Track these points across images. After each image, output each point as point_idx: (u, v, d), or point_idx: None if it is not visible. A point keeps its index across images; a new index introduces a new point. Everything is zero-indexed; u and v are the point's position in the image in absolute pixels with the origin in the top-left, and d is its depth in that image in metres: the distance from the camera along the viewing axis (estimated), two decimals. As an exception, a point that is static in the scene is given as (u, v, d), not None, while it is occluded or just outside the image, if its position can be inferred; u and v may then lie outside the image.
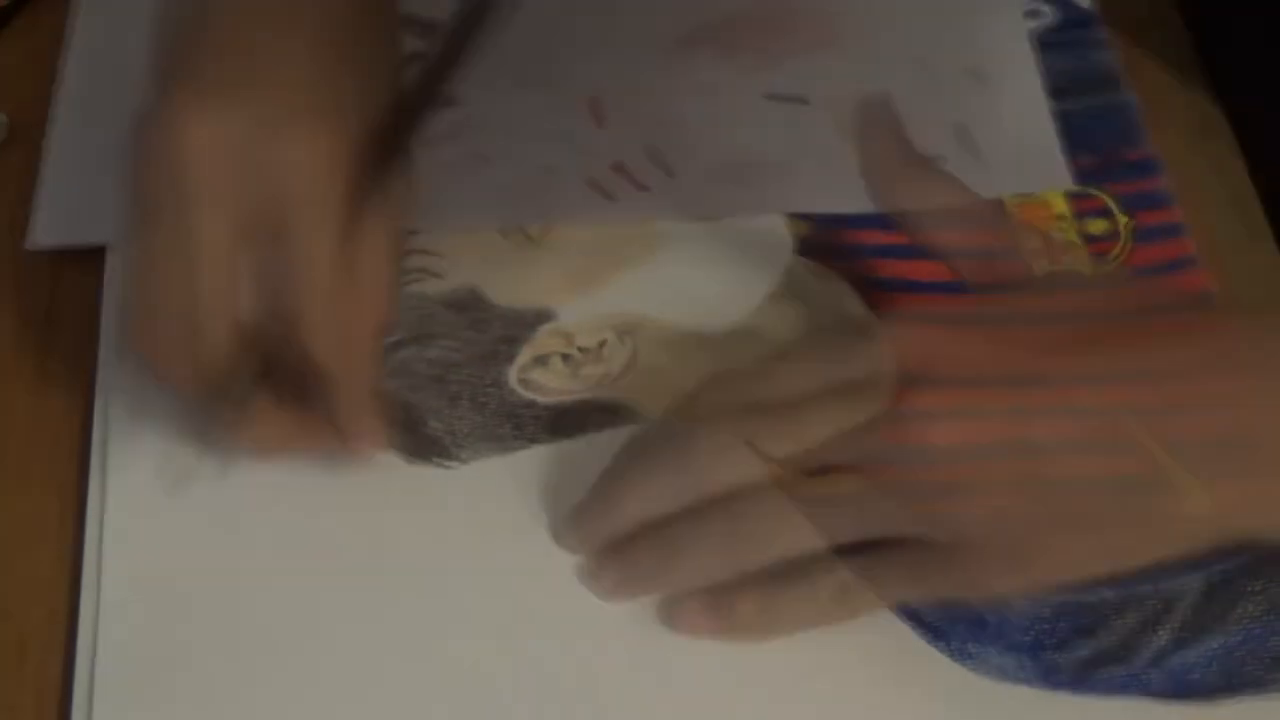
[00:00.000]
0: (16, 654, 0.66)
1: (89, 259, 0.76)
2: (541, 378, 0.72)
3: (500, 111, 0.81)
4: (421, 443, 0.70)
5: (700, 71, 0.83)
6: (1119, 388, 0.63)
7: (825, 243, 0.77)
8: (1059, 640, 0.66)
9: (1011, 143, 0.81)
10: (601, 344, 0.73)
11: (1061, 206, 0.78)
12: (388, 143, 0.63)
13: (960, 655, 0.66)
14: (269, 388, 0.65)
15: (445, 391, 0.71)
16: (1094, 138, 0.81)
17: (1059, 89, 0.83)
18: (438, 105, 0.64)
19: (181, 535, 0.68)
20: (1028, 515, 0.61)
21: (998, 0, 0.86)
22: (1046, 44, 0.85)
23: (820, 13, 0.85)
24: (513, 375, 0.72)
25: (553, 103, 0.81)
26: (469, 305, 0.74)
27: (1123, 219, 0.78)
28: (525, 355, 0.73)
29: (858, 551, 0.64)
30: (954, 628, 0.66)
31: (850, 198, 0.76)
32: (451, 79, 0.62)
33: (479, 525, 0.68)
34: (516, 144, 0.80)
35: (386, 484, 0.69)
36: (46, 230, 0.77)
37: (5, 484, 0.70)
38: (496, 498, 0.69)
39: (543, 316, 0.74)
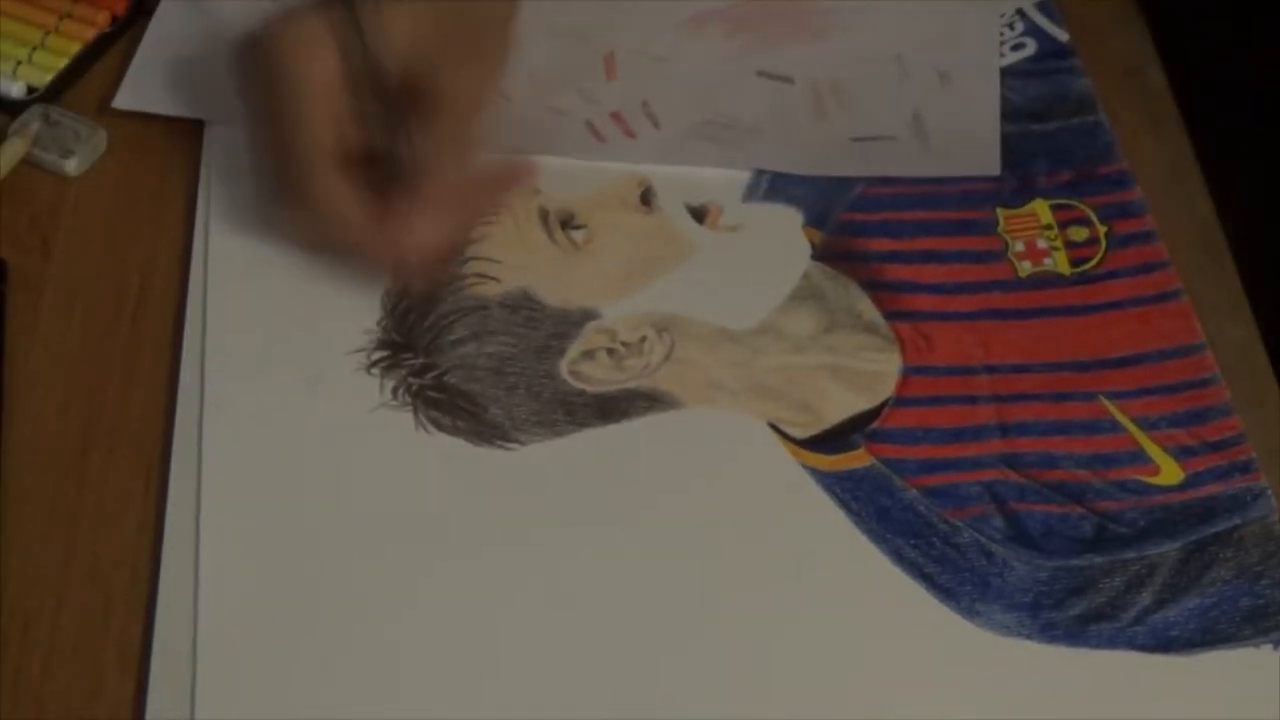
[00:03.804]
0: (102, 614, 0.69)
1: (181, 247, 0.81)
2: (589, 370, 0.78)
3: (528, 56, 0.86)
4: (485, 428, 0.75)
5: (705, 44, 0.91)
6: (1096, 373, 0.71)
7: (838, 249, 0.83)
8: (1055, 600, 0.71)
9: (957, 134, 0.88)
10: (642, 339, 0.79)
11: (1047, 216, 0.85)
12: None
13: (968, 613, 0.71)
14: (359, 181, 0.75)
15: (504, 382, 0.77)
16: (1072, 155, 0.88)
17: (1039, 112, 0.90)
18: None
19: (260, 506, 0.72)
20: None
21: (979, 19, 0.94)
22: (1028, 72, 0.92)
23: (819, 8, 0.94)
24: (563, 367, 0.78)
25: (575, 54, 0.90)
26: (522, 305, 0.79)
27: (1102, 228, 0.84)
28: (574, 350, 0.78)
29: None
30: (962, 589, 0.71)
31: (804, 163, 0.85)
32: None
33: (538, 499, 0.73)
34: (536, 86, 0.87)
35: (457, 464, 0.74)
36: (134, 95, 0.85)
37: (96, 459, 0.74)
38: (552, 475, 0.74)
39: (588, 315, 0.79)
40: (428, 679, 0.68)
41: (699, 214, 0.84)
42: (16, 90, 0.86)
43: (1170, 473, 0.76)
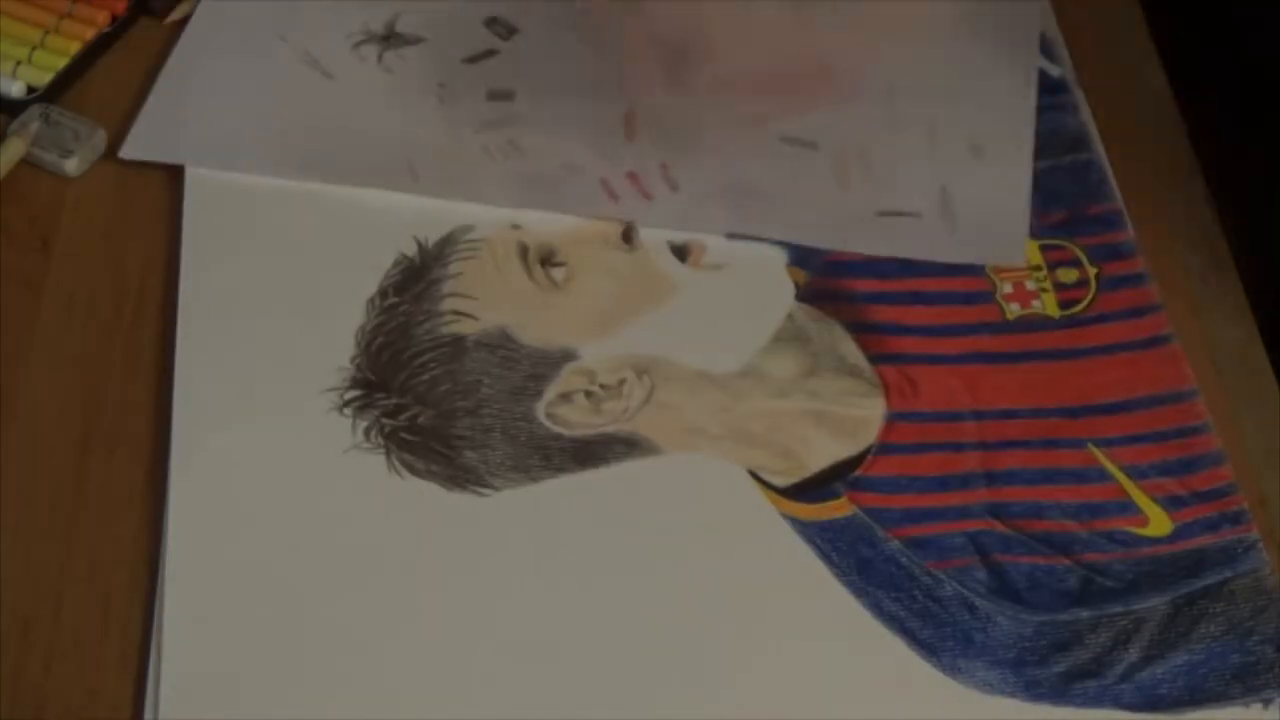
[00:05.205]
0: (101, 609, 0.69)
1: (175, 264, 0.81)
2: (567, 413, 0.76)
3: (547, 111, 0.87)
4: (458, 472, 0.74)
5: (730, 108, 0.88)
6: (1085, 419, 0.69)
7: (823, 290, 0.82)
8: (1039, 656, 0.70)
9: (984, 216, 0.85)
10: (621, 382, 0.77)
11: (1037, 257, 0.83)
12: None
13: (950, 670, 0.70)
14: None
15: (479, 424, 0.75)
16: (1063, 194, 0.86)
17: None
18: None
19: (229, 554, 0.71)
20: None
21: (1016, 89, 0.91)
22: (1020, 109, 0.90)
23: (852, 72, 0.91)
24: (541, 410, 0.76)
25: (595, 112, 0.87)
26: (499, 345, 0.78)
27: (1092, 270, 0.83)
28: (552, 392, 0.77)
29: None
30: (944, 644, 0.70)
31: (825, 236, 0.83)
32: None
33: (512, 547, 0.72)
34: (551, 141, 0.86)
35: (430, 509, 0.73)
36: (140, 145, 0.85)
37: (96, 459, 0.74)
38: (527, 522, 0.73)
39: (567, 356, 0.78)
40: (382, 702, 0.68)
41: (681, 252, 0.83)
42: (16, 90, 0.87)
43: (1159, 523, 0.74)
